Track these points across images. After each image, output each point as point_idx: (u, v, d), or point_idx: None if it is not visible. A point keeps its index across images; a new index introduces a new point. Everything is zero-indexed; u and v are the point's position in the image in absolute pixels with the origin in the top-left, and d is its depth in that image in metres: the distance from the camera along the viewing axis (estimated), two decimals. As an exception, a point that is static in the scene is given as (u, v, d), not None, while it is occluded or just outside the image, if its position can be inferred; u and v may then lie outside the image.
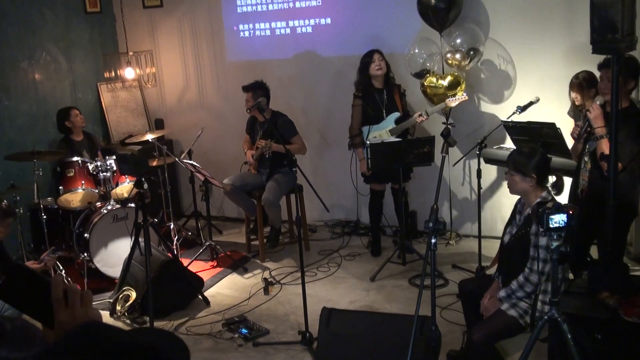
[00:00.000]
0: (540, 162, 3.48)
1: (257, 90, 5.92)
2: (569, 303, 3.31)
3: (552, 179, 3.65)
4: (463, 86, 5.75)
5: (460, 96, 5.52)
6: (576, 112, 5.05)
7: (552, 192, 3.51)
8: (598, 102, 4.08)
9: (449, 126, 5.08)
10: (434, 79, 5.80)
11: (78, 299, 1.39)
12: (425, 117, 5.54)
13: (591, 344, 3.14)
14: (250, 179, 6.12)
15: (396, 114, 5.70)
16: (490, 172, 5.88)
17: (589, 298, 3.37)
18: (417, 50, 5.95)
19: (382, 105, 5.72)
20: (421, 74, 5.91)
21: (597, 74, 4.43)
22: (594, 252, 4.72)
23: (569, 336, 2.80)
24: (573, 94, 5.00)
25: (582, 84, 4.89)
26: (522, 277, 3.42)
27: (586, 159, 4.29)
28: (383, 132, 5.71)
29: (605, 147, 3.91)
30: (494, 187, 6.11)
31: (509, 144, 5.44)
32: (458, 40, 5.68)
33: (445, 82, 5.75)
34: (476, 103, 6.11)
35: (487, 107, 6.12)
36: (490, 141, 5.36)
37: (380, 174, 5.71)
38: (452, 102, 5.52)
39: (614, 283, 3.34)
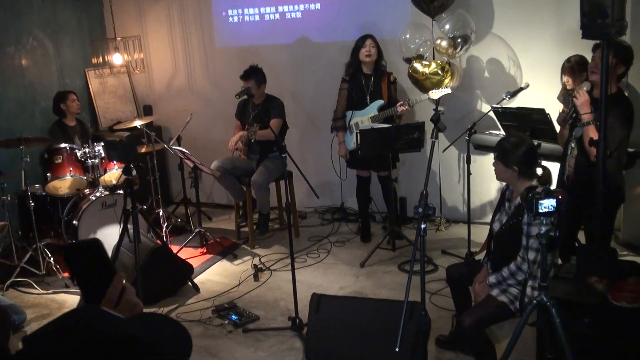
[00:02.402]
0: (525, 155, 3.43)
1: (257, 75, 5.89)
2: (558, 288, 3.31)
3: (539, 171, 3.63)
4: (448, 74, 5.71)
5: (444, 89, 5.49)
6: (566, 96, 5.04)
7: (542, 183, 3.51)
8: (585, 88, 4.05)
9: (438, 112, 5.08)
10: (419, 66, 5.77)
11: (128, 307, 1.36)
12: (406, 107, 5.53)
13: (580, 328, 3.15)
14: (240, 163, 6.09)
15: (380, 102, 5.69)
16: (479, 158, 5.88)
17: (577, 283, 3.38)
18: (408, 36, 5.92)
19: (367, 92, 5.70)
20: (411, 60, 5.89)
21: (589, 58, 4.42)
22: (581, 237, 4.75)
23: (558, 320, 2.81)
24: (565, 78, 4.99)
25: (573, 67, 4.88)
26: (514, 265, 3.42)
27: (572, 145, 4.29)
28: (365, 118, 5.70)
29: (592, 133, 3.88)
30: (484, 173, 6.10)
31: (499, 129, 5.44)
32: (447, 27, 5.65)
33: (428, 70, 5.72)
34: (466, 89, 6.10)
35: (476, 93, 6.12)
36: (480, 127, 5.36)
37: (361, 160, 5.70)
38: (434, 95, 5.49)
39: (602, 268, 3.35)
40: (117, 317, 1.10)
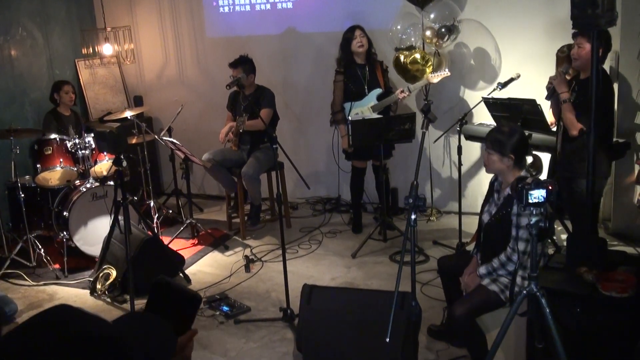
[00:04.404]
0: (519, 142, 3.47)
1: (245, 64, 5.86)
2: (548, 278, 3.33)
3: (529, 159, 3.66)
4: (429, 63, 5.69)
5: (442, 72, 5.49)
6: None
7: (532, 172, 3.52)
8: (562, 70, 4.49)
9: (429, 102, 5.07)
10: (402, 57, 5.76)
11: (188, 352, 1.40)
12: (407, 93, 5.53)
13: (569, 318, 3.17)
14: (231, 154, 6.08)
15: (378, 90, 5.68)
16: (470, 148, 5.89)
17: (567, 273, 3.39)
18: (399, 27, 5.91)
19: (364, 81, 5.68)
20: (402, 50, 5.88)
21: None
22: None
23: (548, 310, 2.82)
24: (561, 68, 5.01)
25: (569, 57, 4.91)
26: (504, 256, 3.44)
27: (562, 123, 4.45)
28: (365, 108, 5.68)
29: (567, 111, 4.22)
30: (475, 163, 6.12)
31: (490, 120, 5.45)
32: (432, 15, 5.63)
33: (409, 60, 5.71)
34: (457, 80, 6.09)
35: (467, 83, 6.12)
36: (471, 117, 5.36)
37: (361, 150, 5.70)
38: (434, 78, 5.50)
39: (592, 258, 3.36)
40: (96, 317, 1.08)
